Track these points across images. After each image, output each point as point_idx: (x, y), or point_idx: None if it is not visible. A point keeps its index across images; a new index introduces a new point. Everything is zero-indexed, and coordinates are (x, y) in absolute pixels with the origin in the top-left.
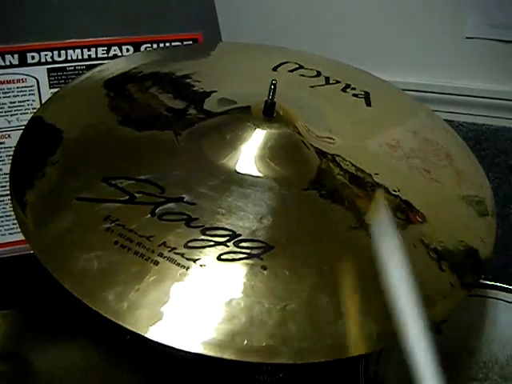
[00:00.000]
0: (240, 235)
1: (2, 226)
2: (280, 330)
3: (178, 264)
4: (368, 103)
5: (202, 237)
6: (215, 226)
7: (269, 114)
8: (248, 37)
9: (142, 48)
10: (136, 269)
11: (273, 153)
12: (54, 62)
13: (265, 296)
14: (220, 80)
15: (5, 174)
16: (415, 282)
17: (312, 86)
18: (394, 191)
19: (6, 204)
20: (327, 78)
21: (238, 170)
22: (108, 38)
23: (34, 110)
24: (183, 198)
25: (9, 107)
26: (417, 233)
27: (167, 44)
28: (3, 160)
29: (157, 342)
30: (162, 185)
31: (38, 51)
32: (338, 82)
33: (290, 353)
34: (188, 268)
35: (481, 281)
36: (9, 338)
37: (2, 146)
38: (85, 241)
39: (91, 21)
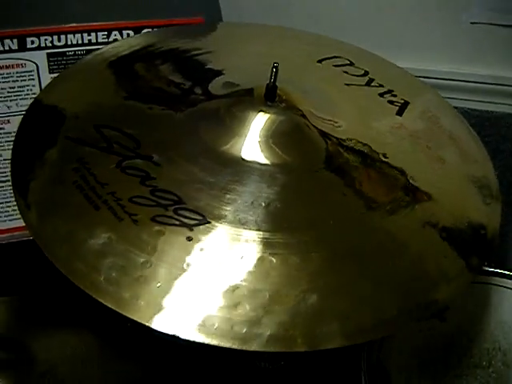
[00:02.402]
0: (184, 204)
1: (2, 213)
2: (283, 318)
3: (115, 214)
4: (400, 113)
5: (149, 196)
6: (167, 189)
7: (270, 97)
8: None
9: (143, 33)
10: (78, 210)
11: (276, 137)
12: (53, 46)
13: (262, 282)
14: (231, 61)
15: (4, 159)
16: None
17: (348, 84)
18: (402, 170)
19: (6, 190)
20: (371, 80)
21: (238, 154)
22: (108, 23)
23: (34, 95)
24: (152, 157)
25: (8, 92)
26: (423, 213)
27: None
28: (3, 145)
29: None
30: (141, 141)
31: (38, 36)
32: (380, 85)
33: (296, 341)
34: (122, 220)
35: (484, 268)
36: (8, 325)
37: (1, 131)
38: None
39: (91, 5)
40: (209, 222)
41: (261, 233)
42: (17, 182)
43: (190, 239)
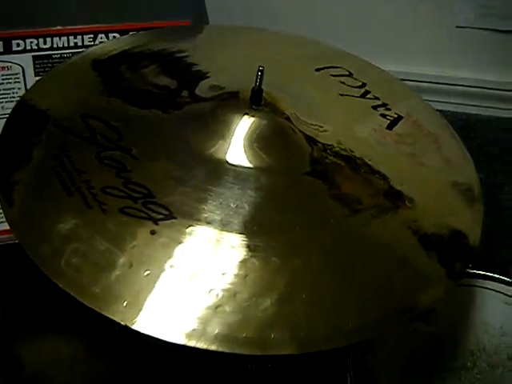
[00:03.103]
0: (154, 198)
1: None
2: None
3: (86, 202)
4: (391, 126)
5: (122, 187)
6: (140, 183)
7: (256, 101)
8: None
9: None
10: (52, 195)
11: (260, 140)
12: (39, 49)
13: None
14: (218, 64)
15: None
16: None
17: (342, 94)
18: (384, 176)
19: None
20: (367, 92)
21: (221, 156)
22: (94, 26)
23: (19, 98)
24: (131, 150)
25: None
26: (405, 218)
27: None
28: None
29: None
30: (124, 135)
31: (24, 38)
32: (376, 98)
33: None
34: (91, 208)
35: (468, 270)
36: None
37: None
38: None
39: (78, 8)
40: (175, 218)
41: (237, 235)
42: (1, 182)
43: (153, 233)
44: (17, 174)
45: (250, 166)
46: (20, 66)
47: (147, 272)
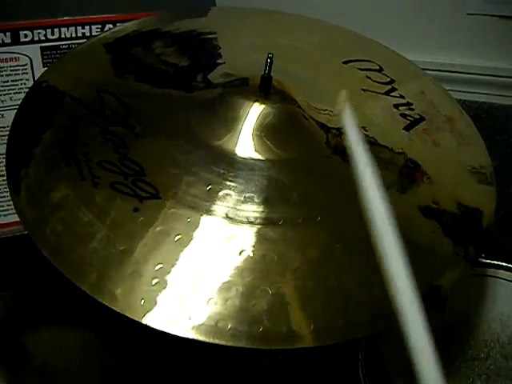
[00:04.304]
0: (145, 176)
1: None
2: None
3: (81, 173)
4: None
5: (117, 163)
6: (135, 160)
7: (265, 88)
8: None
9: None
10: (51, 163)
11: (269, 128)
12: (47, 40)
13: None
14: (234, 48)
15: None
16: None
17: (364, 90)
18: (400, 152)
19: (1, 185)
20: (393, 89)
21: (229, 147)
22: (102, 16)
23: (27, 89)
24: (134, 127)
25: (2, 86)
26: (421, 196)
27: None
28: None
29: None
30: (133, 112)
31: (31, 29)
32: (401, 96)
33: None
34: (84, 179)
35: (482, 259)
36: (4, 321)
37: None
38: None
39: None
40: (159, 198)
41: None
42: (11, 174)
43: (136, 210)
44: (31, 151)
45: (259, 156)
46: (28, 57)
47: (122, 247)
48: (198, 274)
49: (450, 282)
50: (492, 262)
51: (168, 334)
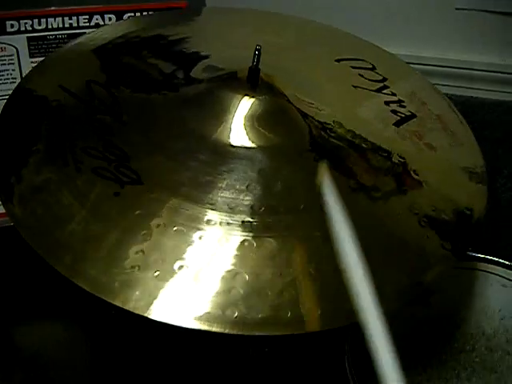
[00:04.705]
0: (127, 162)
1: None
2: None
3: (64, 159)
4: (398, 124)
5: (101, 149)
6: (119, 146)
7: (253, 81)
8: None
9: (125, 17)
10: (39, 148)
11: (257, 119)
12: (34, 30)
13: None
14: (217, 46)
15: None
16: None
17: (355, 87)
18: (387, 151)
19: None
20: (384, 87)
21: (212, 134)
22: (90, 7)
23: (14, 80)
24: (121, 116)
25: None
26: (409, 198)
27: (151, 13)
28: None
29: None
30: (121, 103)
31: (18, 19)
32: (393, 94)
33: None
34: (68, 166)
35: (469, 253)
36: None
37: None
38: None
39: None
40: (141, 184)
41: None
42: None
43: (117, 194)
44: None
45: (253, 145)
46: (14, 47)
47: (100, 230)
48: (176, 258)
49: (435, 276)
50: (478, 255)
51: (149, 320)
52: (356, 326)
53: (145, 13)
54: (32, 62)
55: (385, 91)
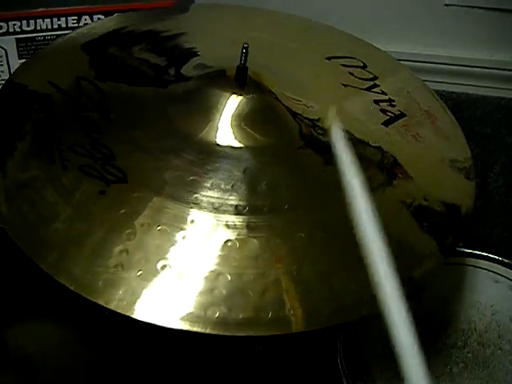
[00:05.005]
0: (113, 160)
1: None
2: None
3: (51, 156)
4: (387, 123)
5: (88, 147)
6: (106, 144)
7: (241, 79)
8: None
9: None
10: (24, 146)
11: (245, 117)
12: (22, 31)
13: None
14: (206, 43)
15: None
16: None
17: (345, 85)
18: (376, 147)
19: None
20: (375, 86)
21: (199, 133)
22: (78, 7)
23: (3, 81)
24: (109, 113)
25: None
26: (399, 191)
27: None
28: None
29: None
30: (109, 100)
31: (6, 21)
32: (383, 93)
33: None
34: (54, 163)
35: (460, 249)
36: None
37: None
38: None
39: None
40: (126, 182)
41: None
42: None
43: (102, 192)
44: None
45: (240, 145)
46: (3, 48)
47: (84, 228)
48: (159, 258)
49: (424, 273)
50: (469, 251)
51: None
52: (347, 325)
53: None
54: (20, 64)
55: (375, 90)
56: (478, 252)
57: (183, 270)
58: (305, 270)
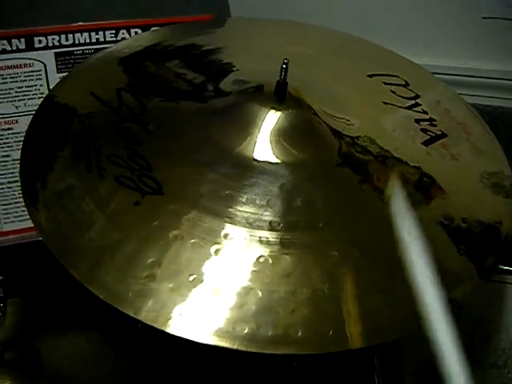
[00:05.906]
0: (150, 171)
1: (11, 213)
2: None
3: (89, 165)
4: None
5: (125, 158)
6: (143, 155)
7: (280, 94)
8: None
9: None
10: (65, 154)
11: (286, 134)
12: (61, 45)
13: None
14: (244, 58)
15: (13, 160)
16: (435, 265)
17: (386, 103)
18: (415, 166)
19: (15, 191)
20: (416, 105)
21: (244, 153)
22: (116, 21)
23: (42, 95)
24: (148, 125)
25: (16, 92)
26: (436, 211)
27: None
28: (11, 146)
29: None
30: (149, 111)
31: (45, 35)
32: (424, 112)
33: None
34: (91, 172)
35: (501, 266)
36: (18, 327)
37: (10, 131)
38: None
39: (99, 3)
40: (162, 194)
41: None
42: (25, 182)
43: (137, 203)
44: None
45: (277, 161)
46: (42, 62)
47: (117, 238)
48: (191, 271)
49: (464, 294)
50: (510, 268)
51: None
52: (385, 344)
53: None
54: (60, 77)
55: (416, 108)
56: None
57: (215, 285)
58: (337, 289)
